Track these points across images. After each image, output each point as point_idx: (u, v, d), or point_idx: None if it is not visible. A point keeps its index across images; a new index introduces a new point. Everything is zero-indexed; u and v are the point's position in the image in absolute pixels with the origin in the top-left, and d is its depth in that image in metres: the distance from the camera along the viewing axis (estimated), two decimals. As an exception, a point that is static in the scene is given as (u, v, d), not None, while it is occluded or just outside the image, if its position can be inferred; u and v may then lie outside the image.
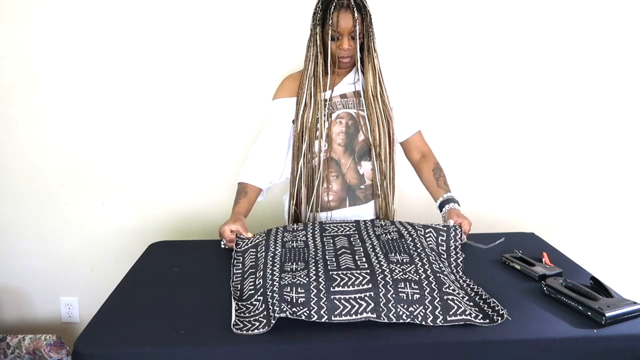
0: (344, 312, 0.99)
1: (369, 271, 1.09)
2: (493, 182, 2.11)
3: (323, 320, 0.98)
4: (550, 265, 1.26)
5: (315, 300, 1.01)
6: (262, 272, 1.15)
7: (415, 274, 1.10)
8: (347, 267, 1.12)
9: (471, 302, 1.06)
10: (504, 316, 1.02)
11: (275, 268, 1.15)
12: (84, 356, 0.93)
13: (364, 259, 1.16)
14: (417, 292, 1.04)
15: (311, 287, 1.03)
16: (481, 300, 1.08)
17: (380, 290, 1.03)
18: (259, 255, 1.25)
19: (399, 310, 1.00)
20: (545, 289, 1.13)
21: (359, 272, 1.08)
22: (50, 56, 1.94)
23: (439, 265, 1.17)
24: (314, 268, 1.12)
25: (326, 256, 1.19)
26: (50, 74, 1.95)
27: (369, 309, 1.00)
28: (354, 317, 0.99)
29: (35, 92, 1.96)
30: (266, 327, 0.98)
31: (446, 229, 1.37)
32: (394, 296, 1.02)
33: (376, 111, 1.53)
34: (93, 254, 2.12)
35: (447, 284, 1.07)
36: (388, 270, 1.10)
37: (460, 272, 1.23)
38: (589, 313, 1.02)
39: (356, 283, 1.04)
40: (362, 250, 1.21)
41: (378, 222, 1.41)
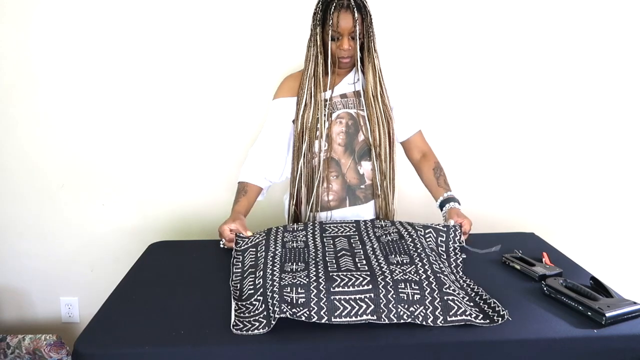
0: (344, 313, 0.99)
1: (369, 272, 1.09)
2: (493, 182, 2.11)
3: (323, 321, 0.98)
4: (550, 265, 1.26)
5: (315, 300, 1.01)
6: (262, 272, 1.15)
7: (416, 274, 1.10)
8: (347, 268, 1.12)
9: (471, 303, 1.06)
10: (505, 317, 1.02)
11: (276, 268, 1.15)
12: (84, 356, 0.93)
13: (364, 261, 1.16)
14: (418, 293, 1.03)
15: (311, 288, 1.03)
16: (481, 301, 1.08)
17: (381, 291, 1.03)
18: (258, 255, 1.25)
19: (399, 310, 1.00)
20: (545, 289, 1.13)
21: (359, 273, 1.08)
22: (50, 56, 1.94)
23: (439, 265, 1.17)
24: (314, 269, 1.12)
25: (326, 257, 1.19)
26: (50, 74, 1.95)
27: (369, 311, 1.00)
28: (354, 319, 0.99)
29: (35, 92, 1.96)
30: (266, 328, 0.98)
31: (446, 230, 1.37)
32: (394, 297, 1.02)
33: (376, 111, 1.53)
34: (93, 254, 2.13)
35: (447, 284, 1.07)
36: (388, 271, 1.10)
37: (461, 272, 1.23)
38: (589, 313, 1.02)
39: (356, 284, 1.04)
40: (362, 253, 1.21)
41: (378, 222, 1.41)
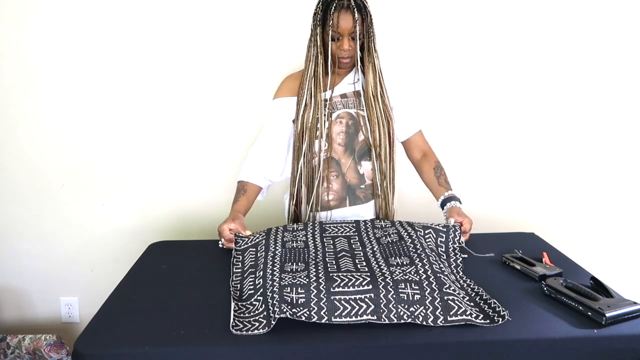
0: (344, 313, 0.99)
1: (369, 274, 1.09)
2: (493, 182, 2.11)
3: (323, 321, 0.98)
4: (550, 265, 1.26)
5: (316, 300, 1.01)
6: (262, 272, 1.15)
7: (416, 274, 1.09)
8: (347, 269, 1.12)
9: (472, 303, 1.06)
10: (505, 317, 1.01)
11: (276, 268, 1.15)
12: (84, 356, 0.92)
13: (364, 262, 1.16)
14: (418, 293, 1.03)
15: (311, 288, 1.03)
16: (482, 301, 1.08)
17: (381, 291, 1.03)
18: (258, 255, 1.25)
19: (399, 310, 1.00)
20: (545, 289, 1.13)
21: (359, 274, 1.08)
22: (50, 56, 1.94)
23: (439, 265, 1.17)
24: (314, 269, 1.12)
25: (326, 258, 1.19)
26: (50, 74, 1.95)
27: (369, 311, 1.00)
28: (355, 319, 0.99)
29: (35, 92, 1.96)
30: (266, 328, 0.98)
31: (445, 230, 1.37)
32: (394, 297, 1.02)
33: (376, 111, 1.53)
34: (93, 254, 2.12)
35: (447, 284, 1.07)
36: (388, 272, 1.10)
37: (461, 273, 1.23)
38: (589, 313, 1.02)
39: (356, 284, 1.04)
40: (362, 255, 1.21)
41: (378, 222, 1.41)
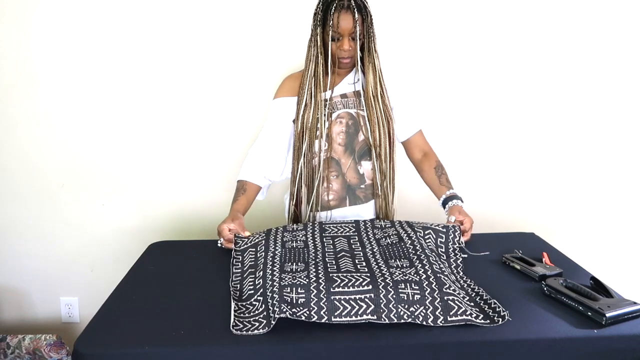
0: (344, 313, 0.99)
1: (369, 274, 1.09)
2: (493, 182, 2.11)
3: (323, 321, 0.98)
4: (550, 265, 1.26)
5: (315, 300, 1.01)
6: (261, 272, 1.15)
7: (416, 274, 1.10)
8: (347, 269, 1.12)
9: (472, 303, 1.06)
10: (505, 317, 1.01)
11: (275, 268, 1.15)
12: (84, 356, 0.92)
13: (363, 263, 1.16)
14: (418, 293, 1.03)
15: (311, 288, 1.03)
16: (482, 301, 1.08)
17: (381, 291, 1.03)
18: (258, 255, 1.25)
19: (399, 310, 1.00)
20: (545, 289, 1.13)
21: (358, 274, 1.08)
22: (50, 56, 1.94)
23: (439, 265, 1.17)
24: (314, 269, 1.12)
25: (326, 258, 1.19)
26: (50, 74, 1.95)
27: (369, 311, 1.00)
28: (354, 319, 0.99)
29: (35, 92, 1.96)
30: (266, 328, 0.98)
31: (445, 230, 1.36)
32: (394, 297, 1.02)
33: (376, 111, 1.53)
34: (93, 254, 2.12)
35: (447, 285, 1.07)
36: (388, 273, 1.10)
37: (461, 273, 1.23)
38: (589, 313, 1.02)
39: (356, 284, 1.04)
40: (361, 255, 1.22)
41: (378, 222, 1.41)
